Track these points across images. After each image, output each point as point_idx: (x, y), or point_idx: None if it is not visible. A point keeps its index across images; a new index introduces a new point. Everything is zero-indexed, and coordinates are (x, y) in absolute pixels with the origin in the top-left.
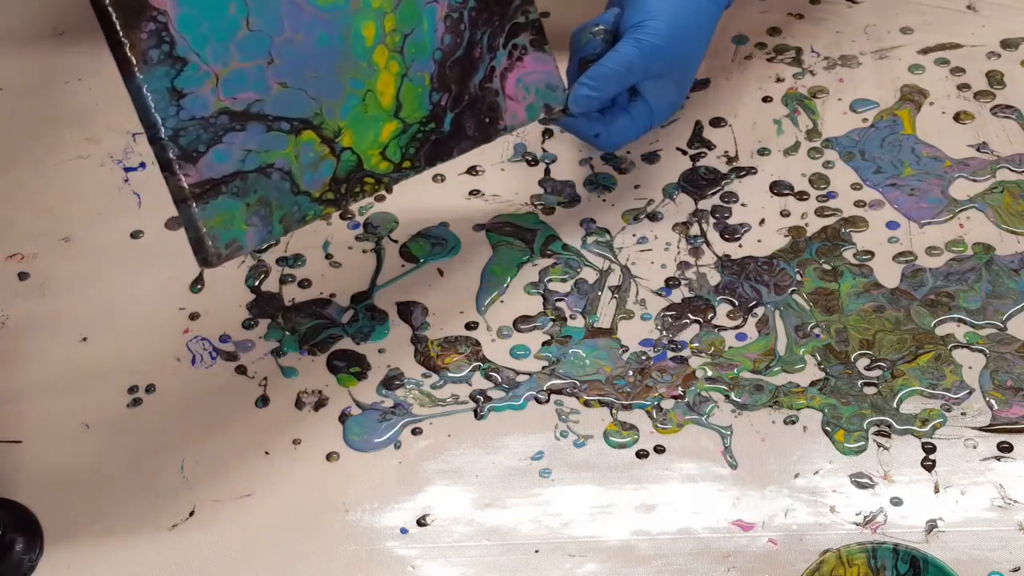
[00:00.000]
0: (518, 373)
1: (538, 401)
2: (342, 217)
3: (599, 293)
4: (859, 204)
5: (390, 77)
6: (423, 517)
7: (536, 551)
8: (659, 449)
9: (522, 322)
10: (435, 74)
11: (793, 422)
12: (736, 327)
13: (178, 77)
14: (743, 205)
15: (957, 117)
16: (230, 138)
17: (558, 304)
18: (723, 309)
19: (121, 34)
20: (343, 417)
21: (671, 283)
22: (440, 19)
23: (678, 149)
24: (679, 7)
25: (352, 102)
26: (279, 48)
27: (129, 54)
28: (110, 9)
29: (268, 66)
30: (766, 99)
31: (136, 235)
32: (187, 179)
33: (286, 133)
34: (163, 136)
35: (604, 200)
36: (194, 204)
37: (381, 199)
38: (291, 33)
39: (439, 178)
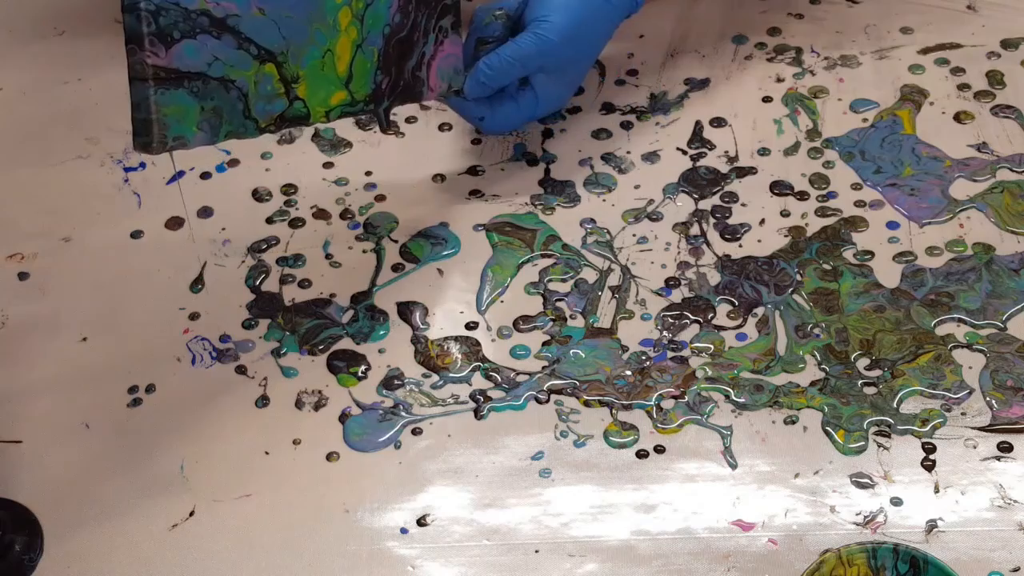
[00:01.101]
0: (518, 373)
1: (538, 401)
2: (342, 217)
3: (599, 293)
4: (859, 204)
5: (348, 43)
6: (423, 517)
7: (536, 551)
8: (659, 449)
9: (522, 322)
10: (381, 51)
11: (793, 422)
12: (736, 327)
13: None
14: (743, 205)
15: (957, 117)
16: (204, 39)
17: (558, 304)
18: (723, 309)
19: None
20: (343, 417)
21: (671, 283)
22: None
23: (678, 149)
24: (582, 7)
25: (313, 54)
26: None
27: None
28: None
29: None
30: (766, 99)
31: (136, 235)
32: (153, 59)
33: (252, 57)
34: (142, 7)
35: (604, 200)
36: (152, 86)
37: (381, 199)
38: None
39: (439, 178)
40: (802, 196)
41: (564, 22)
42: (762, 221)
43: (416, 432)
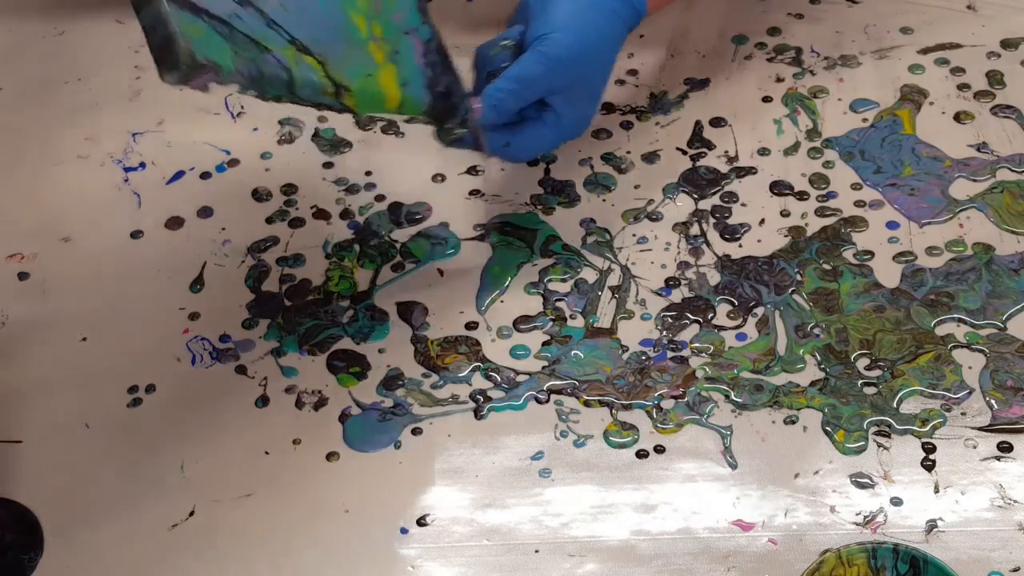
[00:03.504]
0: (518, 373)
1: (538, 401)
2: (342, 217)
3: (599, 293)
4: (859, 204)
5: (390, 77)
6: (423, 517)
7: (536, 551)
8: (659, 449)
9: (522, 322)
10: (430, 105)
11: (793, 422)
12: (736, 327)
13: None
14: (743, 205)
15: (957, 117)
16: None
17: (558, 304)
18: (723, 309)
19: None
20: (343, 417)
21: (671, 283)
22: (420, 54)
23: (678, 149)
24: (583, 24)
25: (358, 72)
26: None
27: None
28: None
29: None
30: (766, 99)
31: (136, 235)
32: None
33: (287, 41)
34: None
35: (604, 200)
36: (165, 3)
37: (381, 199)
38: None
39: (439, 178)
40: (802, 196)
41: (567, 38)
42: (762, 221)
43: (416, 432)
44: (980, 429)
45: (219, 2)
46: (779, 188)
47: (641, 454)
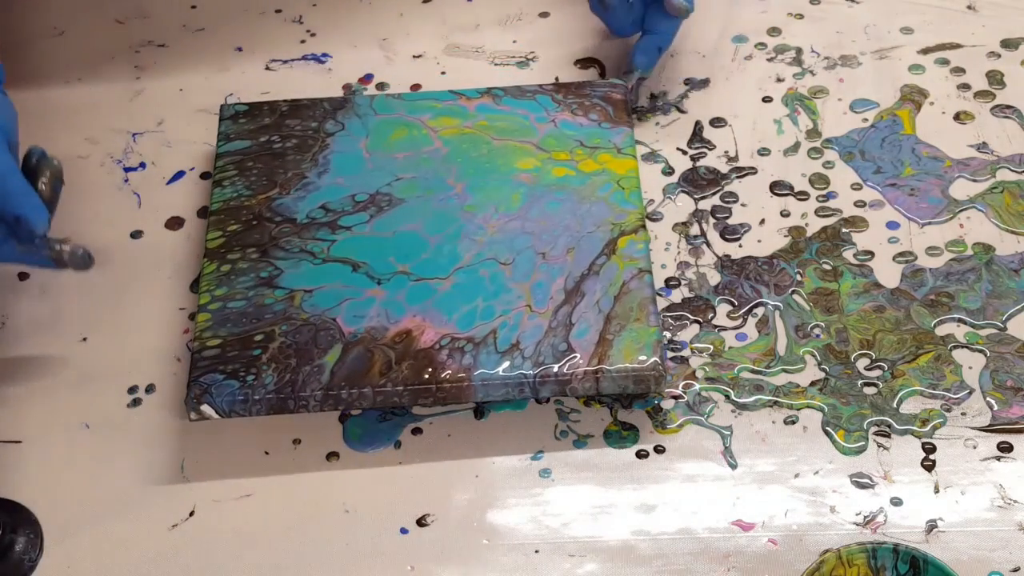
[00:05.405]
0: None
1: (538, 401)
2: None
3: None
4: (859, 204)
5: None
6: (423, 517)
7: (536, 551)
8: (659, 449)
9: None
10: None
11: (793, 422)
12: (736, 327)
13: None
14: (743, 205)
15: (957, 117)
16: None
17: None
18: (723, 309)
19: None
20: (343, 417)
21: (671, 283)
22: None
23: (678, 149)
24: None
25: None
26: None
27: None
28: None
29: None
30: (766, 99)
31: (136, 235)
32: None
33: None
34: None
35: None
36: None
37: None
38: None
39: None
40: (802, 196)
41: None
42: (762, 221)
43: (416, 432)
44: (980, 429)
45: None
46: (779, 188)
47: (641, 454)
